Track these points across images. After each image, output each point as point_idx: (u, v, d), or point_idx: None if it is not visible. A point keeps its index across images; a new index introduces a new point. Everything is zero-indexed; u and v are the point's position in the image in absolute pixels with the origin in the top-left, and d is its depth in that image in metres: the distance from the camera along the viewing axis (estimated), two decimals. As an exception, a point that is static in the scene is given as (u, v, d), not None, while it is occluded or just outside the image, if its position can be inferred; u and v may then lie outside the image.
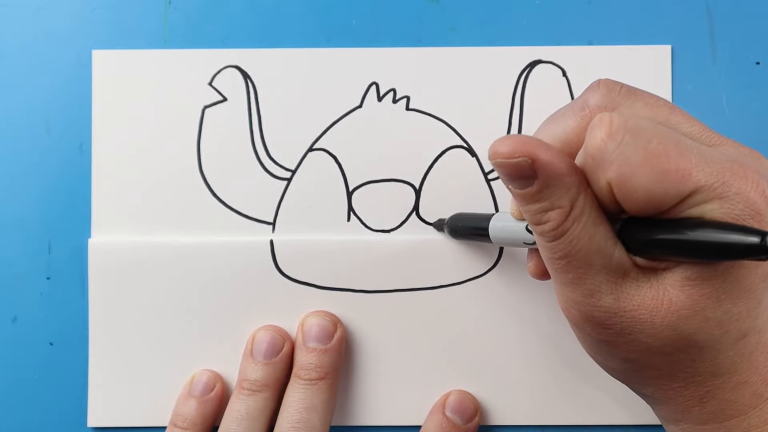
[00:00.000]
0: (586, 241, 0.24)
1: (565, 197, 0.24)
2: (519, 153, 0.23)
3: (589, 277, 0.25)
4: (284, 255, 0.37)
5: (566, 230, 0.24)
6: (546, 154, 0.23)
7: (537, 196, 0.24)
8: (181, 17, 0.38)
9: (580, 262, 0.24)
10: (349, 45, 0.38)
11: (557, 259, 0.25)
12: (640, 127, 0.23)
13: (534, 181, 0.24)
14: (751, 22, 0.37)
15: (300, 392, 0.35)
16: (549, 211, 0.24)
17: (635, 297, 0.24)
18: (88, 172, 0.38)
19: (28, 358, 0.38)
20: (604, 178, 0.23)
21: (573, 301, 0.26)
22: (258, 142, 0.38)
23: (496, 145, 0.24)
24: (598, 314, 0.25)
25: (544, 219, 0.24)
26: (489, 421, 0.37)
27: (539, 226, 0.25)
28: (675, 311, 0.24)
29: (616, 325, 0.25)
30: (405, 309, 0.37)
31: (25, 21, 0.38)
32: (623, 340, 0.25)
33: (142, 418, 0.37)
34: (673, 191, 0.23)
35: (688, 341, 0.24)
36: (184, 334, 0.37)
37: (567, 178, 0.24)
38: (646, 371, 0.26)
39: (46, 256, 0.38)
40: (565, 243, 0.24)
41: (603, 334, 0.26)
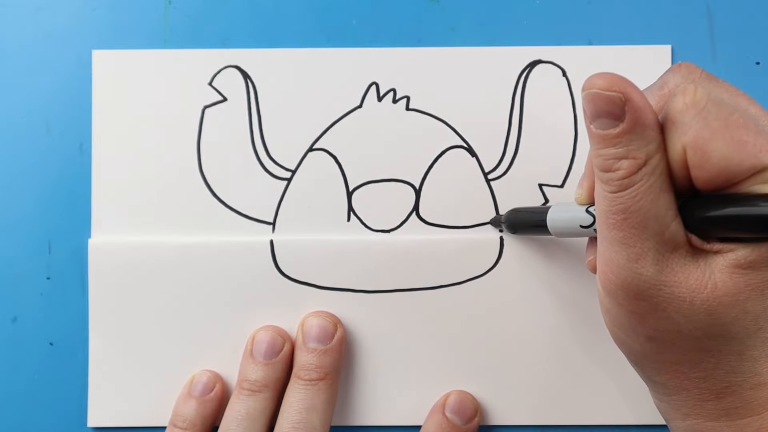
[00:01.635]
0: (647, 202, 0.24)
1: (642, 149, 0.24)
2: (616, 88, 0.23)
3: (640, 240, 0.24)
4: (284, 255, 0.37)
5: (633, 183, 0.24)
6: (639, 97, 0.24)
7: (616, 140, 0.24)
8: (181, 17, 0.38)
9: (636, 221, 0.24)
10: (349, 45, 0.38)
11: (614, 212, 0.25)
12: (723, 101, 0.24)
13: (619, 123, 0.24)
14: (751, 22, 0.37)
15: (300, 392, 0.35)
16: (623, 159, 0.24)
17: (679, 273, 0.24)
18: (88, 172, 0.38)
19: (28, 358, 0.38)
20: (680, 141, 0.23)
21: (615, 264, 0.25)
22: (258, 142, 0.38)
23: (593, 78, 0.24)
24: (637, 282, 0.25)
25: (616, 166, 0.24)
26: (489, 422, 0.37)
27: (608, 173, 0.24)
28: (717, 296, 0.24)
29: (653, 298, 0.25)
30: (405, 309, 0.37)
31: (25, 21, 0.38)
32: (655, 315, 0.25)
33: (142, 418, 0.37)
34: (748, 163, 0.23)
35: (722, 330, 0.24)
36: (184, 334, 0.37)
37: (650, 131, 0.24)
38: (668, 354, 0.26)
39: (46, 256, 0.38)
40: (628, 197, 0.24)
41: (635, 305, 0.25)
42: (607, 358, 0.37)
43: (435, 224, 0.37)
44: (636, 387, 0.36)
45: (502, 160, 0.37)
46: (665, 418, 0.29)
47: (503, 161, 0.37)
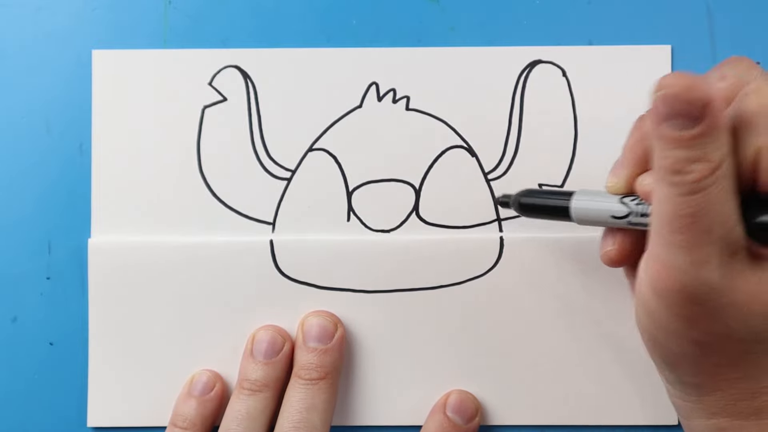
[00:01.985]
0: (718, 206, 0.23)
1: (717, 152, 0.23)
2: (698, 90, 0.22)
3: (705, 245, 0.24)
4: (284, 255, 0.37)
5: (706, 187, 0.23)
6: (717, 103, 0.23)
7: (691, 142, 0.23)
8: (181, 17, 0.38)
9: (704, 225, 0.23)
10: (349, 45, 0.38)
11: (682, 216, 0.23)
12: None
13: (697, 125, 0.23)
14: (751, 22, 0.37)
15: (300, 392, 0.35)
16: (696, 162, 0.23)
17: (739, 279, 0.24)
18: (88, 172, 0.38)
19: (28, 358, 0.38)
20: (755, 144, 0.23)
21: (675, 268, 0.24)
22: (258, 142, 0.38)
23: (669, 78, 0.23)
24: (698, 286, 0.24)
25: (689, 168, 0.23)
26: (489, 421, 0.37)
27: (679, 175, 0.23)
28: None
29: (710, 302, 0.24)
30: (405, 309, 0.37)
31: (25, 21, 0.38)
32: (709, 320, 0.24)
33: (142, 418, 0.37)
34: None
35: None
36: (184, 334, 0.37)
37: (724, 134, 0.23)
38: (712, 358, 0.26)
39: (46, 256, 0.38)
40: (698, 200, 0.23)
41: (689, 310, 0.25)
42: (608, 358, 0.37)
43: (435, 224, 0.37)
44: (636, 387, 0.36)
45: (502, 160, 0.37)
46: (684, 416, 0.29)
47: (503, 161, 0.37)
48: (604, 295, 0.36)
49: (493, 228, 0.37)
